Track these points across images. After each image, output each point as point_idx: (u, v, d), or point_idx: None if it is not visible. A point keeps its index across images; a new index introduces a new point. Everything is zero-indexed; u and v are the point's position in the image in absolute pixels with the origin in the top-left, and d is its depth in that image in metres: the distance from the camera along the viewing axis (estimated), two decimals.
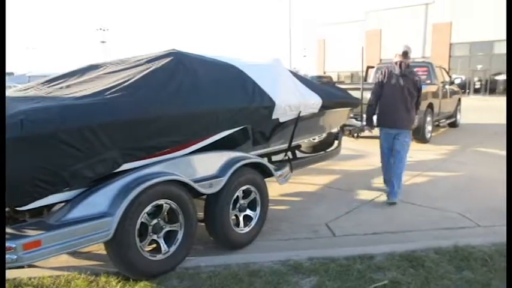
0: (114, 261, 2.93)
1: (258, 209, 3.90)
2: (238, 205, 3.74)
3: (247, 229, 3.79)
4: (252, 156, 3.89)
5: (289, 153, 4.93)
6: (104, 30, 53.20)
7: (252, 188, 3.82)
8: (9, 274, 3.05)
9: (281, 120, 4.21)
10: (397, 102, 4.88)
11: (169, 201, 3.11)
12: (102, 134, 2.71)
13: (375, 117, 5.24)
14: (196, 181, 3.29)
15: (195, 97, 3.36)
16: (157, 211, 3.11)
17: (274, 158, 5.00)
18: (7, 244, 2.32)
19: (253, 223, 3.85)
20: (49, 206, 2.86)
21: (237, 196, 3.69)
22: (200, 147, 3.50)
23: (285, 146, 4.65)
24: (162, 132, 3.08)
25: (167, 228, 3.18)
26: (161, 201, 3.07)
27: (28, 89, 3.62)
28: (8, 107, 2.58)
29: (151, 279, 2.98)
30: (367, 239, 3.90)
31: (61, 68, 4.45)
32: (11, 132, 2.36)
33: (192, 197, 3.33)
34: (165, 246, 3.14)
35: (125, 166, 2.96)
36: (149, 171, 3.03)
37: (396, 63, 4.91)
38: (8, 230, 2.54)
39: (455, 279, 2.92)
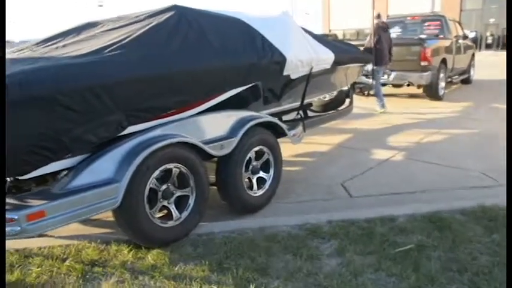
0: (123, 229, 2.79)
1: (272, 171, 3.72)
2: (250, 167, 3.56)
3: (261, 192, 3.63)
4: (264, 115, 3.67)
5: (301, 112, 4.70)
6: None
7: (265, 149, 3.62)
8: (19, 244, 2.94)
9: (292, 76, 3.95)
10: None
11: (178, 165, 2.93)
12: (104, 95, 2.49)
13: None
14: (206, 143, 3.09)
15: (200, 53, 3.11)
16: (166, 176, 2.93)
17: (284, 117, 4.78)
18: (9, 215, 2.16)
19: (267, 185, 3.68)
20: (55, 174, 2.68)
21: (250, 158, 3.50)
22: (209, 107, 3.27)
23: (297, 104, 4.41)
24: (167, 92, 2.86)
25: (178, 194, 3.02)
26: (170, 165, 2.89)
27: (22, 50, 3.37)
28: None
29: (163, 246, 2.85)
30: (385, 199, 3.73)
31: None
32: (8, 94, 2.15)
33: (203, 160, 3.15)
34: (177, 212, 2.99)
35: (131, 129, 2.75)
36: (156, 133, 2.83)
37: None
38: (10, 200, 2.38)
39: (485, 242, 2.76)
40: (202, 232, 3.07)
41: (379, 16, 7.69)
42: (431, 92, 8.66)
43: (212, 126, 3.22)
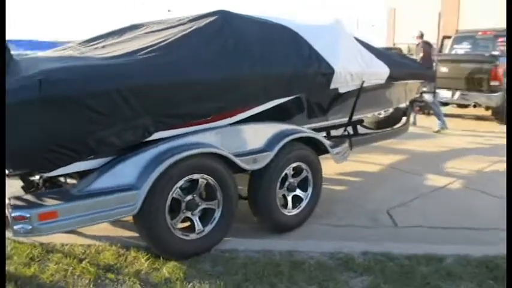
0: (142, 236, 2.68)
1: (310, 190, 3.45)
2: (286, 184, 3.32)
3: (295, 211, 3.37)
4: (306, 130, 3.42)
5: (350, 129, 4.38)
6: None
7: (304, 166, 3.37)
8: (45, 238, 2.92)
9: (341, 90, 3.66)
10: None
11: (206, 176, 2.77)
12: (132, 98, 2.40)
13: None
14: (237, 155, 2.91)
15: (241, 60, 2.94)
16: (192, 186, 2.79)
17: (333, 132, 4.49)
18: (21, 213, 2.11)
19: (303, 205, 3.42)
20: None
21: (286, 174, 3.27)
22: (245, 117, 3.09)
23: (345, 120, 4.10)
24: (201, 99, 2.72)
25: (203, 206, 2.86)
26: (196, 176, 2.73)
27: (66, 49, 3.42)
28: (33, 66, 2.34)
29: (182, 259, 2.69)
30: (435, 234, 3.32)
31: None
32: (29, 93, 2.12)
33: (233, 173, 2.97)
34: (200, 225, 2.83)
35: (159, 135, 2.64)
36: (184, 141, 2.69)
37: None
38: (26, 197, 2.34)
39: None
40: (225, 248, 2.88)
41: (422, 36, 7.78)
42: (500, 115, 7.87)
43: (246, 138, 3.03)
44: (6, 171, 2.55)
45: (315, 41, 3.43)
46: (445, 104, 8.32)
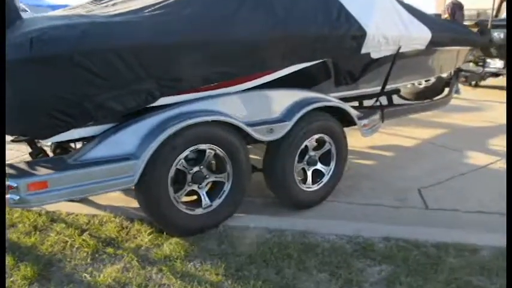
0: (143, 210, 2.52)
1: (333, 164, 3.16)
2: (306, 157, 3.04)
3: (315, 187, 3.11)
4: (330, 98, 3.09)
5: (383, 99, 3.99)
6: None
7: (327, 138, 3.07)
8: (52, 206, 2.83)
9: (374, 55, 3.27)
10: None
11: (213, 147, 2.54)
12: (133, 59, 2.18)
13: None
14: (251, 124, 2.65)
15: (258, 19, 2.63)
16: (200, 157, 2.57)
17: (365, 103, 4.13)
18: (9, 182, 1.98)
19: (324, 180, 3.15)
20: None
21: (306, 146, 2.99)
22: (262, 83, 2.80)
23: (378, 89, 3.71)
24: (211, 61, 2.46)
25: (211, 179, 2.65)
26: (203, 146, 2.51)
27: (78, 7, 3.21)
28: (35, 24, 2.15)
29: (186, 235, 2.52)
30: (471, 219, 2.97)
31: None
32: (20, 51, 1.96)
33: (247, 143, 2.73)
34: (207, 199, 2.63)
35: (164, 100, 2.42)
36: (190, 108, 2.46)
37: None
38: (19, 165, 2.21)
39: None
40: (234, 225, 2.68)
41: None
42: None
43: (262, 106, 2.76)
44: (12, 137, 2.45)
45: None
46: (496, 74, 7.58)
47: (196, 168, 2.56)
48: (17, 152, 3.66)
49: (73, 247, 2.44)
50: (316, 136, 3.01)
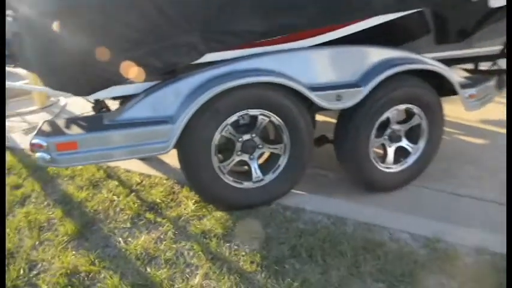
0: (186, 178, 2.28)
1: (422, 142, 2.56)
2: (388, 132, 2.49)
3: (397, 167, 2.57)
4: (424, 59, 2.42)
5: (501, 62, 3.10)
6: None
7: (416, 110, 2.46)
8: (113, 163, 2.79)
9: (492, 3, 2.45)
10: None
11: (267, 113, 2.17)
12: (170, 8, 1.87)
13: None
14: (314, 88, 2.19)
15: None
16: (252, 123, 2.23)
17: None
18: (38, 141, 1.88)
19: (409, 161, 2.58)
20: None
21: (388, 118, 2.43)
22: (335, 38, 2.27)
23: (496, 49, 2.85)
24: (269, 11, 2.04)
25: (264, 150, 2.30)
26: (254, 112, 2.15)
27: None
28: None
29: (231, 210, 2.26)
30: None
31: None
32: (48, 4, 1.87)
33: (311, 112, 2.30)
34: (258, 172, 2.30)
35: (212, 56, 2.08)
36: (240, 66, 2.09)
37: None
38: (59, 122, 2.11)
39: None
40: (288, 204, 2.33)
41: None
42: None
43: (331, 66, 2.25)
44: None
45: None
46: None
47: (247, 136, 2.23)
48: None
49: (117, 208, 2.36)
50: (402, 106, 2.42)
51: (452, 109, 3.00)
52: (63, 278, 1.86)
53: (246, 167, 2.33)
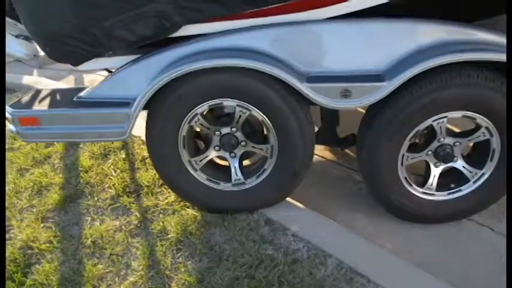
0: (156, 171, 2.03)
1: (490, 166, 1.79)
2: (435, 146, 1.79)
3: (442, 196, 1.87)
4: (497, 44, 1.59)
5: None
6: None
7: (482, 121, 1.69)
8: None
9: None
10: None
11: (246, 105, 1.74)
12: None
13: None
14: (310, 78, 1.65)
15: None
16: (233, 115, 1.83)
17: None
18: (6, 111, 1.87)
19: (465, 190, 1.86)
20: None
21: (432, 127, 1.73)
22: (352, 11, 1.63)
23: None
24: None
25: (248, 148, 1.89)
26: (228, 103, 1.75)
27: None
28: None
29: (206, 211, 1.96)
30: None
31: None
32: None
33: (304, 106, 1.77)
34: (239, 173, 1.91)
35: (192, 29, 1.73)
36: (213, 43, 1.68)
37: None
38: (34, 95, 2.05)
39: None
40: (274, 218, 1.91)
41: None
42: None
43: (341, 48, 1.65)
44: None
45: None
46: None
47: (226, 130, 1.85)
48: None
49: (106, 184, 2.28)
50: (456, 114, 1.68)
51: None
52: (17, 250, 1.87)
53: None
